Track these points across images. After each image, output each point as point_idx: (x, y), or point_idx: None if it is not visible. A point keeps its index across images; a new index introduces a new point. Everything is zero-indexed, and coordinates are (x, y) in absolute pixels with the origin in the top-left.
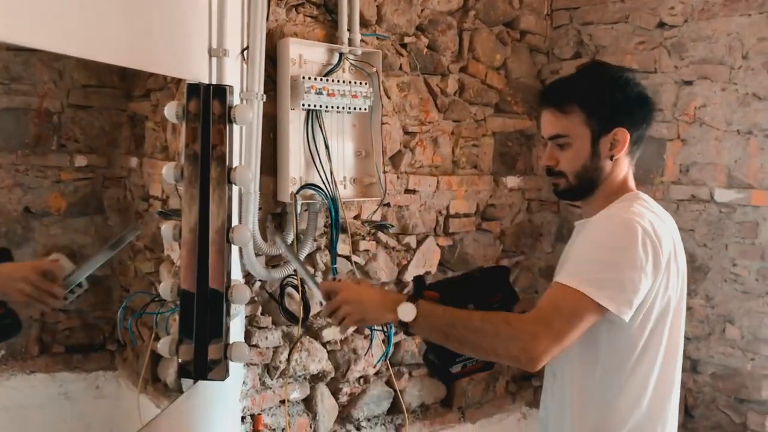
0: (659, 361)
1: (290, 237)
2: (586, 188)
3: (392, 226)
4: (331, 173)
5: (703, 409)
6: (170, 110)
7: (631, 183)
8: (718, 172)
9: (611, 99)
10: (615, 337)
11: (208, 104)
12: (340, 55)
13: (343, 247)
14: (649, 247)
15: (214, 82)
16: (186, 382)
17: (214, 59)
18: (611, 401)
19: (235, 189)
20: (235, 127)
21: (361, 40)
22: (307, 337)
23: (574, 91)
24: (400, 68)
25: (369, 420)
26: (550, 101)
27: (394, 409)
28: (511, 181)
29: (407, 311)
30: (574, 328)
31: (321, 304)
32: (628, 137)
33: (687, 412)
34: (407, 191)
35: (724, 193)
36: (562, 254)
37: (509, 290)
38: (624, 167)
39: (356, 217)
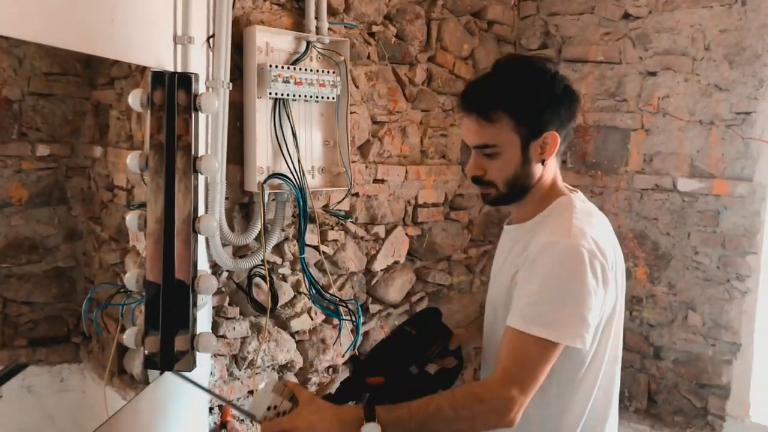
0: (605, 364)
1: (257, 227)
2: (517, 195)
3: (347, 215)
4: (299, 163)
5: (666, 395)
6: (134, 98)
7: (560, 181)
8: (681, 162)
9: (540, 102)
10: (569, 354)
11: (173, 93)
12: (308, 43)
13: (311, 237)
14: (597, 268)
15: (179, 69)
16: (152, 374)
17: (179, 47)
18: (565, 406)
19: (201, 178)
20: (201, 116)
21: (329, 29)
22: (275, 327)
23: (500, 97)
24: (368, 57)
25: None
26: (475, 109)
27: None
28: None
29: (371, 429)
30: (542, 375)
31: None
32: (559, 139)
33: (650, 397)
34: (376, 181)
35: (687, 183)
36: (496, 261)
37: (446, 331)
38: (553, 167)
39: (325, 207)
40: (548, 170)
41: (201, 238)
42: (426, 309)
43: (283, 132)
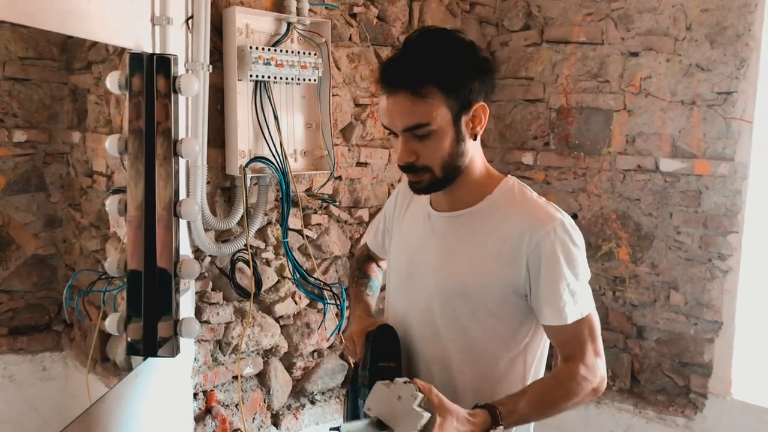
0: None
1: (240, 211)
2: (451, 177)
3: (331, 199)
4: (281, 146)
5: (649, 374)
6: (112, 80)
7: (486, 162)
8: (663, 142)
9: (468, 72)
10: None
11: (152, 75)
12: (288, 24)
13: (294, 221)
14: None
15: (157, 51)
16: (135, 360)
17: (157, 27)
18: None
19: (182, 162)
20: (181, 99)
21: (310, 10)
22: (260, 312)
23: (429, 69)
24: (350, 39)
25: (323, 393)
26: (404, 84)
27: (349, 382)
28: None
29: None
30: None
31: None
32: (488, 111)
33: (633, 377)
34: (359, 164)
35: (669, 163)
36: (421, 242)
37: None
38: (479, 149)
39: (308, 191)
40: (476, 149)
41: (183, 223)
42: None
43: (264, 115)
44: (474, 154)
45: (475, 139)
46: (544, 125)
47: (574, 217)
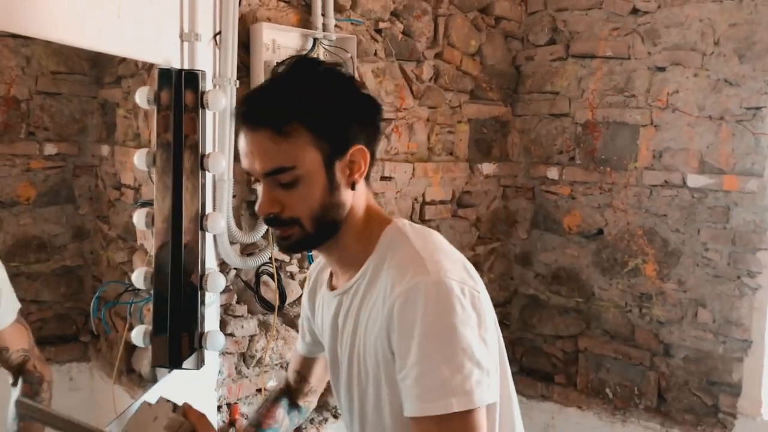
0: (505, 395)
1: (265, 225)
2: (327, 232)
3: None
4: None
5: (676, 392)
6: (141, 95)
7: (374, 206)
8: (691, 158)
9: (343, 110)
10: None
11: (180, 90)
12: (314, 40)
13: None
14: (472, 295)
15: (186, 67)
16: (161, 372)
17: (185, 44)
18: None
19: (208, 176)
20: (208, 113)
21: (336, 26)
22: (283, 325)
23: (294, 104)
24: (375, 54)
25: None
26: (264, 121)
27: None
28: (487, 167)
29: None
30: None
31: None
32: (368, 157)
33: (660, 395)
34: (383, 178)
35: (697, 179)
36: (327, 331)
37: None
38: (362, 193)
39: None
40: (358, 199)
41: (209, 236)
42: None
43: None
44: (355, 205)
45: (353, 188)
46: (569, 140)
47: (600, 233)
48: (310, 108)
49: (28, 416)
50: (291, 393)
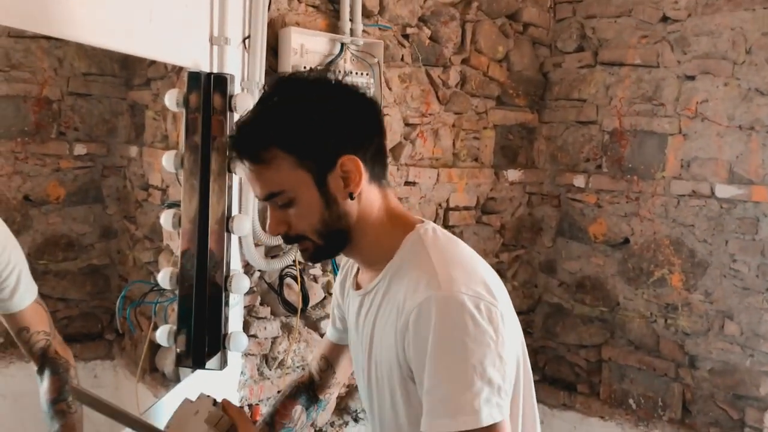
0: (521, 412)
1: None
2: (339, 242)
3: None
4: None
5: (701, 405)
6: (170, 98)
7: (396, 209)
8: (719, 168)
9: (318, 124)
10: None
11: (209, 93)
12: (342, 45)
13: None
14: (489, 310)
15: (215, 70)
16: (184, 372)
17: (215, 47)
18: None
19: (235, 178)
20: (236, 117)
21: (363, 31)
22: (306, 327)
23: (266, 130)
24: (402, 59)
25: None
26: (242, 153)
27: None
28: (512, 174)
29: None
30: None
31: None
32: (360, 163)
33: (685, 407)
34: (407, 183)
35: (725, 189)
36: (352, 329)
37: None
38: (374, 197)
39: None
40: (368, 203)
41: (234, 238)
42: None
43: None
44: (365, 210)
45: (351, 198)
46: (596, 148)
47: (626, 242)
48: (284, 131)
49: (83, 401)
50: (313, 384)
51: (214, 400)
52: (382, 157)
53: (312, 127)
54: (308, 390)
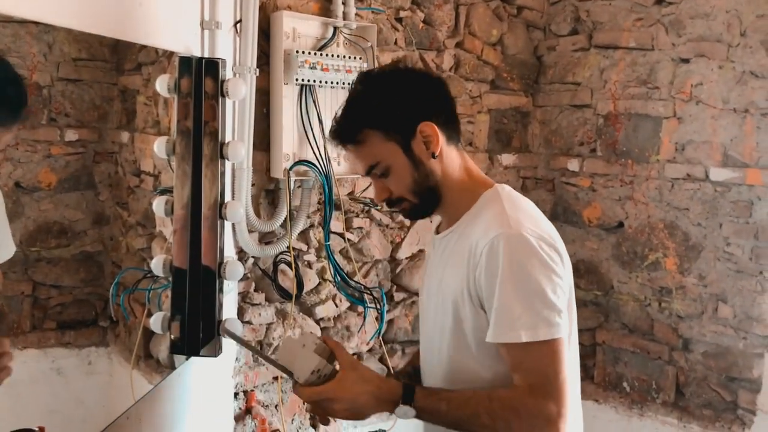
0: (571, 344)
1: (283, 214)
2: (432, 199)
3: (373, 203)
4: (325, 149)
5: (695, 387)
6: (162, 83)
7: (476, 171)
8: (714, 151)
9: (393, 101)
10: None
11: (200, 78)
12: (335, 29)
13: (336, 224)
14: (548, 251)
15: (206, 55)
16: (178, 359)
17: (206, 32)
18: None
19: (228, 164)
20: (228, 102)
21: (356, 14)
22: (300, 313)
23: (354, 116)
24: (395, 43)
25: None
26: (341, 140)
27: None
28: (507, 158)
29: (405, 412)
30: (564, 374)
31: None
32: (436, 128)
33: (678, 390)
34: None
35: (720, 172)
36: (429, 274)
37: None
38: (454, 156)
39: (350, 194)
40: (449, 162)
41: (227, 224)
42: None
43: (309, 118)
44: (448, 167)
45: (434, 157)
46: (590, 131)
47: (620, 225)
48: (369, 113)
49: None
50: None
51: (317, 335)
52: (454, 123)
53: (390, 104)
54: None
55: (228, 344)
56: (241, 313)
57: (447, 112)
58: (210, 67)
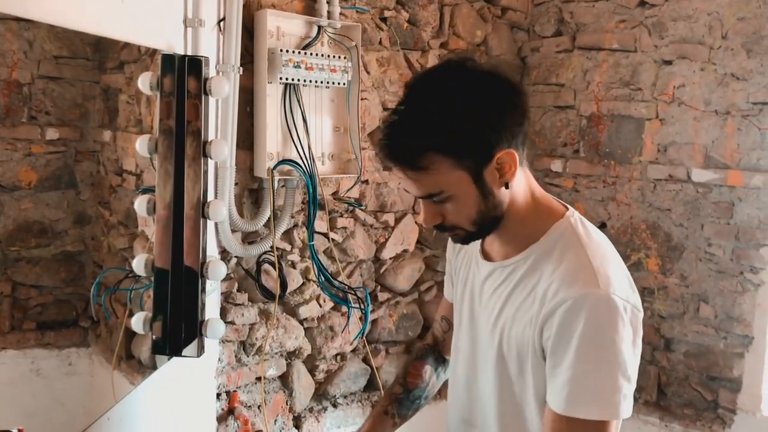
0: None
1: (267, 213)
2: (490, 227)
3: (358, 203)
4: (309, 149)
5: (676, 387)
6: (144, 81)
7: (538, 190)
8: (696, 152)
9: (476, 124)
10: None
11: (183, 76)
12: (319, 28)
13: (320, 224)
14: (633, 319)
15: (189, 53)
16: (160, 359)
17: (189, 29)
18: None
19: (210, 163)
20: (211, 100)
21: (341, 13)
22: (284, 314)
23: (419, 135)
24: (380, 43)
25: (345, 397)
26: (401, 164)
27: (371, 386)
28: None
29: None
30: None
31: None
32: (516, 155)
33: (660, 390)
34: (386, 168)
35: (701, 173)
36: (479, 294)
37: None
38: (522, 182)
39: (334, 194)
40: (518, 188)
41: (210, 224)
42: None
43: (293, 117)
44: (517, 195)
45: (506, 188)
46: (574, 132)
47: (602, 226)
48: (440, 135)
49: None
50: (437, 346)
51: None
52: (525, 139)
53: (467, 126)
54: (434, 351)
55: (210, 344)
56: (223, 313)
57: (523, 132)
58: (193, 65)
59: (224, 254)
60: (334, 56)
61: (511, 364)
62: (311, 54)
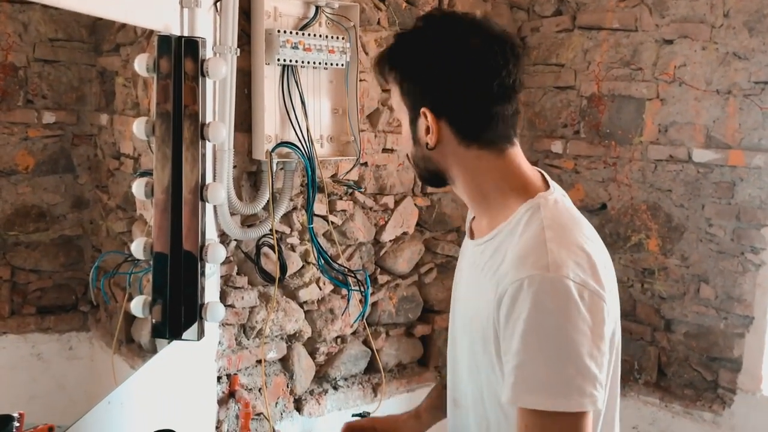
0: (612, 393)
1: (266, 196)
2: (430, 178)
3: (357, 186)
4: (308, 131)
5: (677, 367)
6: (140, 63)
7: (517, 173)
8: (697, 132)
9: (424, 60)
10: None
11: (180, 57)
12: (317, 8)
13: (319, 206)
14: (591, 300)
15: (185, 34)
16: (160, 343)
17: (185, 10)
18: None
19: (209, 146)
20: (209, 82)
21: None
22: (284, 297)
23: (394, 50)
24: (378, 23)
25: (346, 379)
26: (377, 67)
27: (371, 368)
28: None
29: None
30: None
31: None
32: (434, 117)
33: (660, 370)
34: (385, 150)
35: (702, 153)
36: (456, 283)
37: None
38: (472, 155)
39: (333, 177)
40: (462, 160)
41: (209, 207)
42: None
43: (291, 99)
44: (461, 165)
45: (428, 149)
46: (574, 113)
47: (603, 207)
48: (400, 56)
49: None
50: None
51: None
52: (495, 122)
53: (420, 62)
54: None
55: (211, 328)
56: (223, 296)
57: (484, 110)
58: (190, 46)
59: (223, 237)
60: (332, 37)
61: (477, 347)
62: (309, 35)
